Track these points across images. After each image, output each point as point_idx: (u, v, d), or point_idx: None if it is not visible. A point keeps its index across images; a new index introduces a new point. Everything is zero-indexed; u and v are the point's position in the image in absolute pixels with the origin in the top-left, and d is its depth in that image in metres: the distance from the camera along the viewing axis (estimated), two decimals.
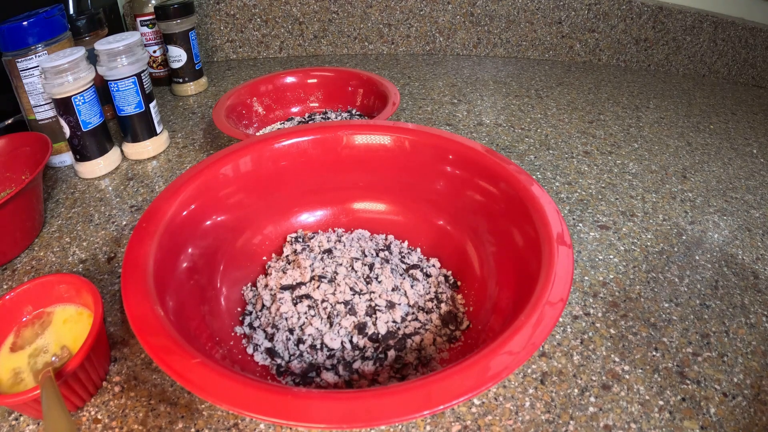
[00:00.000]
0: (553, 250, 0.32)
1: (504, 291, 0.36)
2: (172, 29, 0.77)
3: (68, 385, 0.31)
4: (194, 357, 0.26)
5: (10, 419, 0.33)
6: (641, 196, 0.57)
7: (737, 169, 0.63)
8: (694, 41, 0.91)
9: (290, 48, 0.98)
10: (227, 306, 0.39)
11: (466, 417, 0.33)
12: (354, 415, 0.23)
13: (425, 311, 0.38)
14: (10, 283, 0.44)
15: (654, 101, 0.82)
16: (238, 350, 0.36)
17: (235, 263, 0.41)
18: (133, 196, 0.56)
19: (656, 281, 0.45)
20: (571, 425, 0.33)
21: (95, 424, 0.32)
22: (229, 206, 0.41)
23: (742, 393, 0.35)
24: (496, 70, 0.92)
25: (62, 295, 0.37)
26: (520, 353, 0.26)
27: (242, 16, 0.93)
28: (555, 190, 0.57)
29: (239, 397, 0.24)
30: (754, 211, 0.55)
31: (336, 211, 0.48)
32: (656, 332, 0.40)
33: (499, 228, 0.39)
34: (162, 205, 0.36)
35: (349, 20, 0.95)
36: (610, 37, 0.93)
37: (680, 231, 0.51)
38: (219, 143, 0.67)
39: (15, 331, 0.35)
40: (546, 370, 0.36)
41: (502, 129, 0.70)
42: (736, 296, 0.44)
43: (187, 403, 0.34)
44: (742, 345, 0.39)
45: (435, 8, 0.93)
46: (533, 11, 0.92)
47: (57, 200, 0.55)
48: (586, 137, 0.69)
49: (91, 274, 0.45)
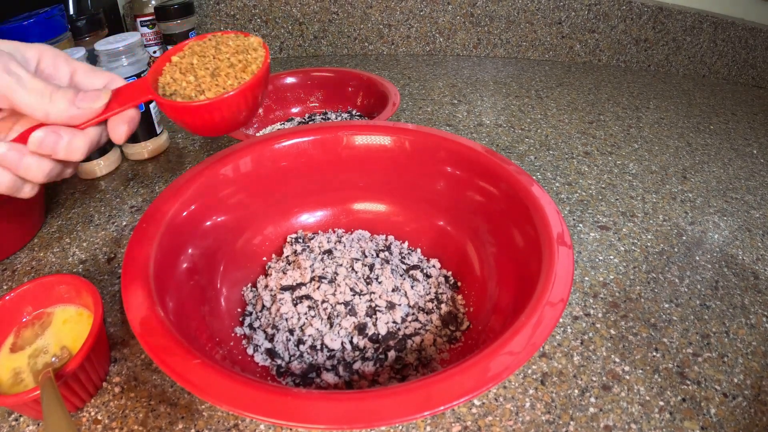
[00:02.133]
0: (553, 251, 0.32)
1: (504, 291, 0.36)
2: (172, 30, 0.77)
3: (68, 385, 0.31)
4: (194, 358, 0.26)
5: (10, 420, 0.33)
6: (641, 197, 0.57)
7: (737, 170, 0.63)
8: (694, 42, 0.91)
9: (290, 48, 0.98)
10: (227, 306, 0.39)
11: (467, 417, 0.33)
12: (354, 416, 0.23)
13: (425, 312, 0.38)
14: (10, 284, 0.44)
15: (654, 102, 0.82)
16: (238, 351, 0.36)
17: (236, 264, 0.41)
18: (133, 197, 0.55)
19: (656, 282, 0.45)
20: (571, 426, 0.33)
21: (95, 424, 0.32)
22: (229, 207, 0.41)
23: (742, 393, 0.35)
24: (496, 70, 0.92)
25: (62, 296, 0.36)
26: (520, 354, 0.26)
27: (242, 17, 0.93)
28: (555, 191, 0.57)
29: (239, 397, 0.24)
30: (755, 211, 0.55)
31: (336, 211, 0.48)
32: (656, 333, 0.40)
33: (499, 228, 0.39)
34: (162, 206, 0.36)
35: (349, 21, 0.95)
36: (610, 38, 0.93)
37: (680, 231, 0.51)
38: (219, 144, 0.67)
39: (15, 331, 0.35)
40: (546, 371, 0.36)
41: (502, 129, 0.70)
42: (737, 297, 0.44)
43: (187, 404, 0.34)
44: (742, 345, 0.39)
45: (435, 9, 0.93)
46: (533, 12, 0.92)
47: (57, 200, 0.55)
48: (587, 138, 0.69)
49: (91, 274, 0.45)
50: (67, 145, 0.30)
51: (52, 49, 0.32)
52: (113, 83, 0.33)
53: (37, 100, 0.29)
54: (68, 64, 0.33)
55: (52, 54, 0.32)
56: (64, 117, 0.30)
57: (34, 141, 0.29)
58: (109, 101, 0.31)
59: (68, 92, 0.30)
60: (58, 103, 0.29)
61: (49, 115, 0.29)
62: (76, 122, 0.30)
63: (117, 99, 0.32)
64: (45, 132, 0.29)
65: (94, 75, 0.33)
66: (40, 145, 0.29)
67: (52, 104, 0.29)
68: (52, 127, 0.30)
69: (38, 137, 0.29)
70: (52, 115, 0.30)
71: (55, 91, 0.29)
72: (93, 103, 0.31)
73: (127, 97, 0.32)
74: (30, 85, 0.29)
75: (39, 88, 0.29)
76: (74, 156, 0.31)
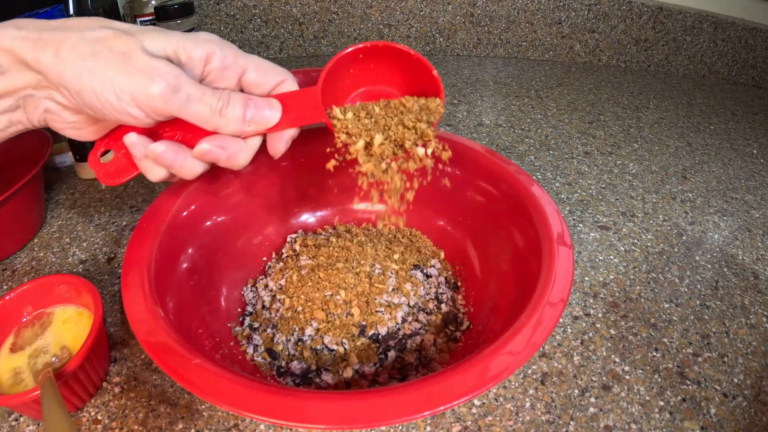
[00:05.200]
0: (553, 251, 0.32)
1: (504, 291, 0.36)
2: (172, 30, 0.77)
3: (68, 385, 0.31)
4: (194, 357, 0.26)
5: (10, 420, 0.33)
6: (641, 197, 0.57)
7: (737, 170, 0.63)
8: (694, 42, 0.91)
9: (290, 48, 0.98)
10: (227, 306, 0.39)
11: (467, 417, 0.33)
12: (354, 416, 0.23)
13: (426, 312, 0.38)
14: (10, 284, 0.44)
15: (654, 102, 0.82)
16: (238, 351, 0.36)
17: (236, 264, 0.41)
18: (133, 197, 0.55)
19: (656, 282, 0.45)
20: (571, 426, 0.33)
21: (95, 424, 0.32)
22: (229, 207, 0.41)
23: (742, 393, 0.35)
24: (496, 70, 0.92)
25: (62, 296, 0.36)
26: (520, 354, 0.26)
27: (242, 17, 0.93)
28: (555, 191, 0.57)
29: (239, 397, 0.24)
30: (754, 211, 0.55)
31: (336, 211, 0.48)
32: (656, 333, 0.40)
33: (499, 228, 0.39)
34: (162, 206, 0.36)
35: (349, 21, 0.95)
36: (610, 38, 0.93)
37: (680, 231, 0.51)
38: None
39: (15, 331, 0.35)
40: (546, 371, 0.36)
41: (502, 129, 0.70)
42: (737, 297, 0.44)
43: (187, 404, 0.34)
44: (742, 345, 0.39)
45: (435, 9, 0.93)
46: (533, 12, 0.92)
47: (57, 200, 0.55)
48: (587, 138, 0.69)
49: (91, 274, 0.45)
50: (229, 157, 0.30)
51: (220, 47, 0.30)
52: (285, 85, 0.32)
53: (206, 116, 0.29)
54: (237, 65, 0.31)
55: (221, 54, 0.30)
56: (233, 132, 0.30)
57: (199, 151, 0.29)
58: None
59: (238, 107, 0.29)
60: (227, 119, 0.29)
61: (218, 129, 0.29)
62: (243, 136, 0.31)
63: (287, 113, 0.31)
64: (211, 145, 0.29)
65: (266, 74, 0.31)
66: (204, 156, 0.30)
67: (221, 120, 0.29)
68: (218, 141, 0.30)
69: (204, 149, 0.29)
70: (222, 130, 0.29)
71: (225, 106, 0.29)
72: (264, 123, 0.30)
73: (297, 116, 0.31)
74: (199, 104, 0.28)
75: (208, 104, 0.28)
76: (234, 166, 0.31)
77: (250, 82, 0.31)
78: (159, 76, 0.27)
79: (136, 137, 0.30)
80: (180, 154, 0.30)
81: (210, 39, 0.30)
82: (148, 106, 0.27)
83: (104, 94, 0.26)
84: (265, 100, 0.31)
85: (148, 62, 0.27)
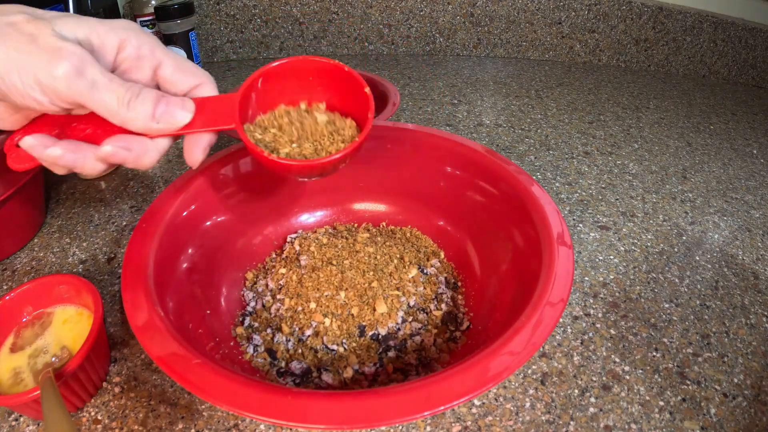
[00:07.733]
0: (553, 251, 0.32)
1: (504, 291, 0.36)
2: (172, 30, 0.77)
3: (68, 385, 0.31)
4: (194, 358, 0.26)
5: (10, 420, 0.33)
6: (641, 197, 0.57)
7: (737, 170, 0.63)
8: (694, 42, 0.91)
9: (290, 48, 0.98)
10: (227, 306, 0.39)
11: (467, 417, 0.33)
12: (354, 416, 0.23)
13: (426, 312, 0.38)
14: (10, 284, 0.44)
15: (654, 102, 0.82)
16: (238, 351, 0.36)
17: (236, 264, 0.41)
18: (133, 197, 0.55)
19: (656, 282, 0.45)
20: (571, 426, 0.33)
21: (95, 424, 0.32)
22: (229, 206, 0.41)
23: (742, 393, 0.35)
24: (496, 70, 0.92)
25: (62, 296, 0.36)
26: (520, 354, 0.26)
27: (242, 17, 0.93)
28: (555, 191, 0.57)
29: (239, 397, 0.24)
30: (754, 211, 0.55)
31: (336, 211, 0.48)
32: (656, 333, 0.40)
33: (499, 228, 0.39)
34: (162, 206, 0.36)
35: (349, 20, 0.95)
36: (610, 38, 0.93)
37: (680, 231, 0.51)
38: (219, 144, 0.67)
39: (15, 331, 0.35)
40: (546, 371, 0.36)
41: (502, 129, 0.70)
42: (737, 297, 0.44)
43: (187, 404, 0.34)
44: (742, 345, 0.39)
45: (435, 9, 0.93)
46: (533, 11, 0.92)
47: (57, 200, 0.55)
48: (587, 138, 0.69)
49: (91, 274, 0.45)
50: (136, 158, 0.29)
51: (137, 35, 0.28)
52: (203, 88, 0.30)
53: (113, 107, 0.27)
54: (153, 56, 0.29)
55: (137, 42, 0.28)
56: (140, 129, 0.28)
57: (103, 154, 0.28)
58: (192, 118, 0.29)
59: (148, 101, 0.27)
60: (136, 112, 0.27)
61: (125, 123, 0.28)
62: (151, 134, 0.29)
63: (200, 115, 0.29)
64: (114, 147, 0.28)
65: (183, 74, 0.30)
66: (107, 158, 0.28)
67: (129, 113, 0.27)
68: (123, 141, 0.28)
69: (107, 152, 0.28)
70: (128, 125, 0.28)
71: (134, 98, 0.27)
72: (174, 123, 0.29)
73: (211, 118, 0.29)
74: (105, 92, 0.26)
75: (116, 93, 0.27)
76: (141, 167, 0.29)
77: (166, 78, 0.30)
78: (63, 57, 0.25)
79: (33, 139, 0.28)
80: (80, 155, 0.28)
81: (127, 26, 0.29)
82: (51, 90, 0.26)
83: (9, 77, 0.25)
84: (180, 99, 0.29)
85: (54, 42, 0.25)
